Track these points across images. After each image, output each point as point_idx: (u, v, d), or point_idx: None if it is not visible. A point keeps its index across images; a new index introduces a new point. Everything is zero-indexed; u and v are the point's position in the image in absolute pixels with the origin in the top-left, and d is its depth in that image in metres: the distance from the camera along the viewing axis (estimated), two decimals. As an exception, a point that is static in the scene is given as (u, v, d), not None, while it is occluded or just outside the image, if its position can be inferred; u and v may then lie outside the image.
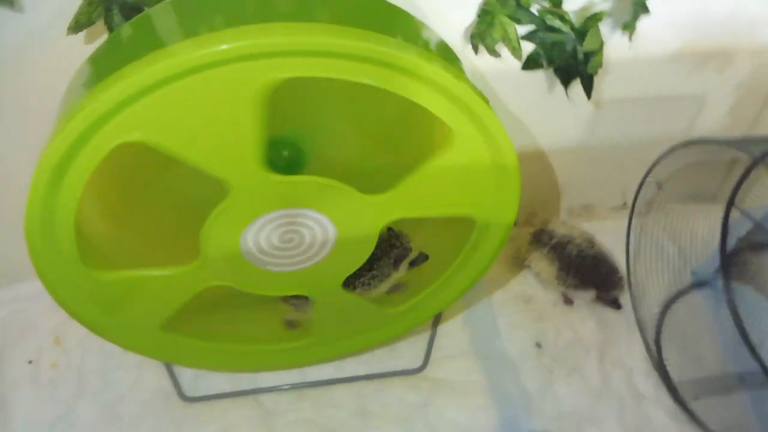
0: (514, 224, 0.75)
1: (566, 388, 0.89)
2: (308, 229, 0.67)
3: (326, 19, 0.58)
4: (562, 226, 1.01)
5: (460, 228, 0.75)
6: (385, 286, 0.84)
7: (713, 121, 1.04)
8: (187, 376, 0.90)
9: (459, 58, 0.73)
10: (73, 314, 0.70)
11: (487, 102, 0.61)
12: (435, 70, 0.57)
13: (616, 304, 0.99)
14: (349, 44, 0.54)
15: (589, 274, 0.97)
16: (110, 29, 0.70)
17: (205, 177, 0.60)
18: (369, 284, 0.81)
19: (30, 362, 0.92)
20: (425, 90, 0.59)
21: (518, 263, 1.06)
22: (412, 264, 0.85)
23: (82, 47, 0.73)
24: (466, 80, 0.60)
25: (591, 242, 1.00)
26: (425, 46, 0.65)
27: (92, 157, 0.55)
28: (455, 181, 0.67)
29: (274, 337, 0.85)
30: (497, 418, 0.85)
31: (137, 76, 0.51)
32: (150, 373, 0.90)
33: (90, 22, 0.69)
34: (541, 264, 0.99)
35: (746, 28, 0.91)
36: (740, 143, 0.76)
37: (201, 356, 0.84)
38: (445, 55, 0.68)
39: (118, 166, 0.63)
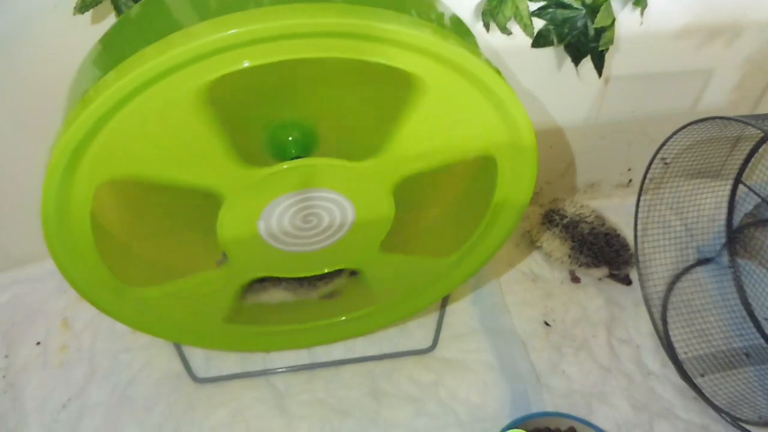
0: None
1: (575, 365, 0.90)
2: (322, 207, 0.66)
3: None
4: (571, 204, 1.01)
5: (476, 205, 0.74)
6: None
7: (719, 97, 1.03)
8: (197, 357, 0.90)
9: (472, 33, 0.72)
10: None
11: (504, 80, 0.60)
12: (450, 48, 0.56)
13: (627, 281, 1.00)
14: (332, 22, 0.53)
15: (602, 251, 0.97)
16: (117, 9, 0.68)
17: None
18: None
19: (38, 344, 0.92)
20: (438, 68, 0.58)
21: (529, 244, 1.06)
22: None
23: (89, 28, 0.72)
24: (483, 58, 0.59)
25: (602, 219, 1.00)
26: (439, 21, 0.63)
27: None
28: (454, 125, 0.64)
29: (341, 309, 0.85)
30: (508, 396, 0.85)
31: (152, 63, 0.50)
32: (160, 355, 0.90)
33: (96, 2, 0.67)
34: (554, 244, 0.99)
35: (754, 2, 0.91)
36: (753, 120, 0.76)
37: (268, 340, 0.86)
38: (459, 30, 0.67)
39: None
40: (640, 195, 0.97)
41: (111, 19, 0.73)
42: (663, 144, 0.88)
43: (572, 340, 0.93)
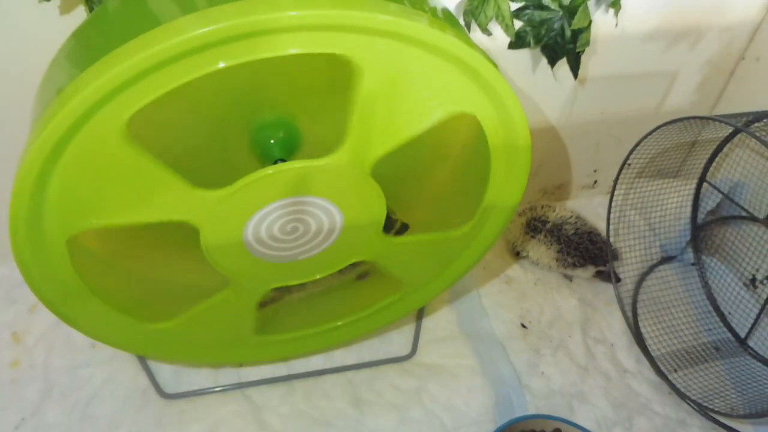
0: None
1: (554, 366, 0.90)
2: (308, 213, 0.63)
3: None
4: (550, 209, 1.02)
5: (467, 207, 0.73)
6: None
7: (682, 98, 1.06)
8: (165, 371, 0.85)
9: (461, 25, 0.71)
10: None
11: (500, 73, 0.59)
12: (448, 39, 0.54)
13: (617, 278, 1.01)
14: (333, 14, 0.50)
15: (587, 250, 0.98)
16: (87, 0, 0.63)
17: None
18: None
19: (-15, 361, 0.85)
20: (434, 60, 0.55)
21: (513, 253, 1.06)
22: (397, 234, 0.83)
23: (57, 18, 0.66)
24: (479, 50, 0.57)
25: (583, 220, 1.02)
26: (433, 13, 0.61)
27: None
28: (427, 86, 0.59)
29: (376, 297, 0.82)
30: (492, 399, 0.85)
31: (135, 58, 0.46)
32: (124, 369, 0.85)
33: (62, -10, 0.62)
34: (540, 250, 1.00)
35: (716, 6, 0.93)
36: (728, 118, 0.78)
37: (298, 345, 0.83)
38: (451, 22, 0.65)
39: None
40: (612, 196, 0.98)
41: (80, 10, 0.68)
42: (636, 146, 0.89)
43: (549, 341, 0.94)
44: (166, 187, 0.55)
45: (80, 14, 0.67)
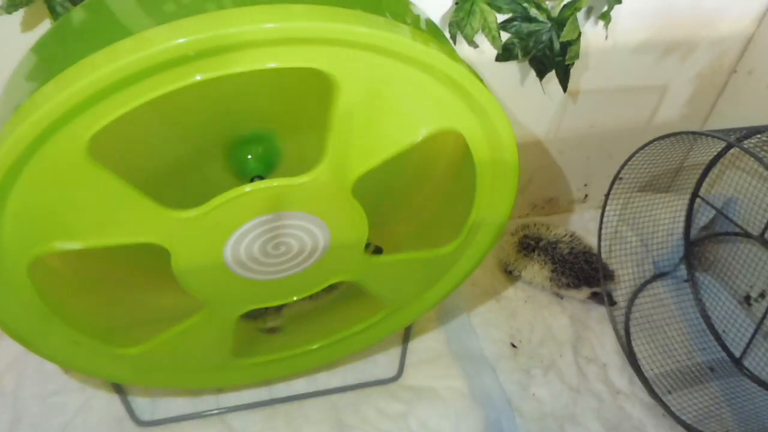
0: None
1: (545, 387, 0.87)
2: (290, 232, 0.60)
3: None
4: (544, 227, 0.99)
5: (453, 224, 0.70)
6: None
7: (673, 112, 1.05)
8: (141, 398, 0.81)
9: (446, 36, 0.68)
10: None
11: (487, 87, 0.57)
12: (431, 53, 0.51)
13: (611, 301, 0.98)
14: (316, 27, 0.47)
15: (582, 270, 0.95)
16: (52, 10, 0.60)
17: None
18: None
19: (-48, 390, 0.81)
20: (416, 74, 0.53)
21: (506, 272, 1.03)
22: None
23: (19, 31, 0.63)
24: (464, 63, 0.55)
25: (578, 239, 0.99)
26: (416, 25, 0.59)
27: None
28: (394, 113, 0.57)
29: (358, 317, 0.79)
30: (481, 424, 0.81)
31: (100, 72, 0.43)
32: (97, 397, 0.81)
33: (27, 1, 0.59)
34: (533, 270, 0.97)
35: (707, 18, 0.92)
36: (720, 134, 0.76)
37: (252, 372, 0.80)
38: (435, 34, 0.63)
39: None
40: (603, 211, 0.95)
41: (46, 23, 0.65)
42: (628, 160, 0.87)
43: (540, 360, 0.91)
44: (134, 208, 0.52)
45: (46, 27, 0.65)
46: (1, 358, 0.85)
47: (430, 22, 0.63)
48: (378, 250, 0.81)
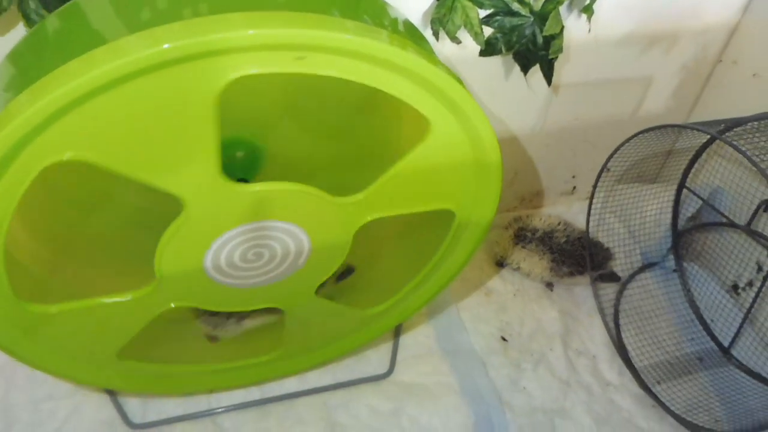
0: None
1: (535, 381, 0.88)
2: (278, 241, 0.60)
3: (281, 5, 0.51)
4: (537, 218, 1.00)
5: (437, 227, 0.70)
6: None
7: (658, 104, 1.05)
8: (132, 401, 0.81)
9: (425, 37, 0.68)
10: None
11: (466, 90, 0.57)
12: (410, 57, 0.51)
13: (615, 277, 0.99)
14: (322, 35, 0.48)
15: (582, 256, 0.96)
16: (26, 17, 0.59)
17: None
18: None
19: (-59, 397, 0.81)
20: (397, 79, 0.53)
21: (500, 265, 1.03)
22: (339, 278, 0.82)
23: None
24: (443, 66, 0.55)
25: (571, 226, 1.00)
26: (393, 28, 0.59)
27: (19, 180, 0.46)
28: (432, 175, 0.61)
29: (237, 354, 0.78)
30: (472, 419, 0.82)
31: (76, 82, 0.43)
32: (89, 401, 0.81)
33: (1, 9, 0.58)
34: (531, 261, 0.97)
35: (691, 9, 0.92)
36: (703, 126, 0.76)
37: (158, 381, 0.76)
38: (413, 36, 0.63)
39: (55, 182, 0.54)
40: (590, 204, 0.96)
41: (19, 29, 0.64)
42: (614, 152, 0.87)
43: (530, 354, 0.91)
44: (194, 158, 0.51)
45: (20, 34, 0.64)
46: (-10, 365, 0.85)
47: (407, 23, 0.62)
48: (349, 270, 0.82)
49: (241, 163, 0.66)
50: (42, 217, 0.66)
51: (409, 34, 0.62)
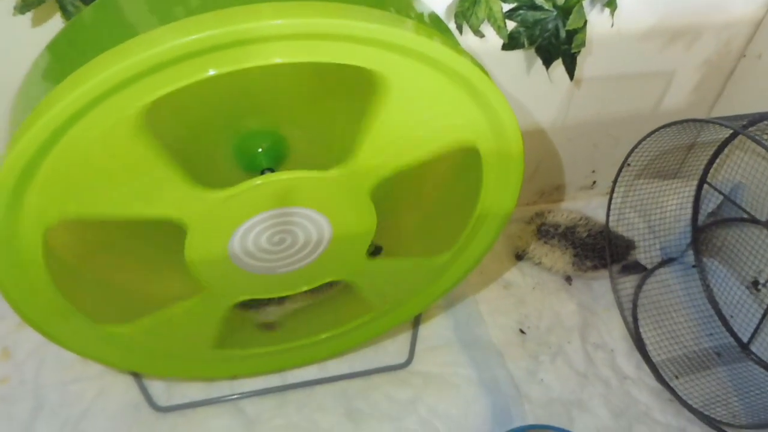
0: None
1: (553, 373, 0.88)
2: (298, 225, 0.61)
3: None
4: (558, 214, 1.00)
5: (459, 214, 0.71)
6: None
7: (679, 99, 1.04)
8: (157, 384, 0.83)
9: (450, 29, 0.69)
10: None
11: (491, 79, 0.57)
12: (435, 46, 0.52)
13: (640, 267, 1.00)
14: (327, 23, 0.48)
15: (605, 250, 0.97)
16: (63, 8, 0.61)
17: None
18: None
19: (-25, 377, 0.84)
20: (422, 68, 0.54)
21: (520, 258, 1.04)
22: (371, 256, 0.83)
23: (30, 30, 0.65)
24: (468, 56, 0.56)
25: (592, 220, 1.01)
26: (419, 19, 0.60)
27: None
28: (428, 121, 0.60)
29: (342, 319, 0.80)
30: (489, 409, 0.83)
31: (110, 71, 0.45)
32: (115, 384, 0.83)
33: (39, 1, 0.60)
34: (554, 256, 0.98)
35: (714, 4, 0.91)
36: (726, 121, 0.76)
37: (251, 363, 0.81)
38: (439, 27, 0.63)
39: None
40: (611, 198, 0.96)
41: (56, 20, 0.66)
42: (635, 147, 0.87)
43: (548, 347, 0.92)
44: (169, 180, 0.54)
45: (56, 24, 0.66)
46: (22, 347, 0.87)
47: (433, 15, 0.63)
48: (378, 250, 0.82)
49: (266, 154, 0.68)
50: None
51: (435, 25, 0.63)
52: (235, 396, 0.83)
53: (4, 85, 0.57)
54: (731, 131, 0.91)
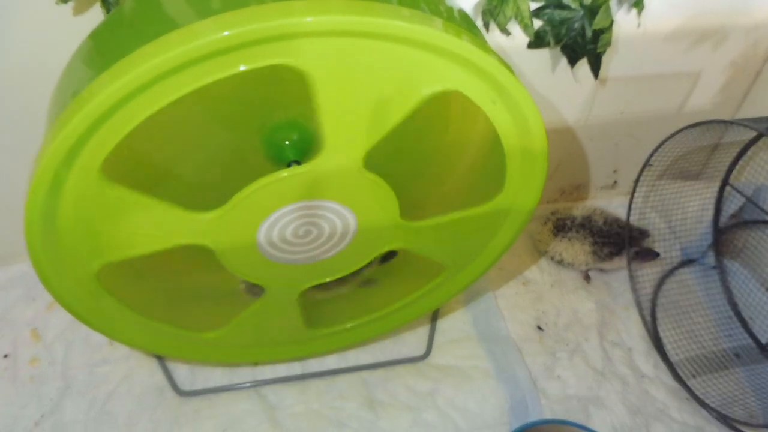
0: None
1: (570, 370, 0.89)
2: (321, 217, 0.64)
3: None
4: (574, 209, 1.01)
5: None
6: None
7: (704, 100, 1.04)
8: (181, 369, 0.86)
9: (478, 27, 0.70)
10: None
11: (517, 78, 0.58)
12: (465, 46, 0.53)
13: (654, 254, 1.01)
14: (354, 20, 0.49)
15: (620, 236, 0.99)
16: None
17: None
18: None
19: (6, 356, 0.86)
20: (450, 66, 0.55)
21: (542, 254, 1.06)
22: (383, 260, 0.85)
23: (71, 19, 0.67)
24: (495, 54, 0.57)
25: (605, 211, 1.02)
26: (449, 16, 0.60)
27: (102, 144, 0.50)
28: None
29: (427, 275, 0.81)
30: (506, 402, 0.84)
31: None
32: (141, 367, 0.86)
33: (80, -10, 0.62)
34: (574, 249, 0.99)
35: (742, 5, 0.91)
36: (751, 122, 0.76)
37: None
38: (467, 25, 0.64)
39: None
40: (632, 198, 0.96)
41: (96, 10, 0.68)
42: (658, 147, 0.87)
43: (565, 344, 0.93)
44: (166, 217, 0.57)
45: (96, 14, 0.68)
46: (52, 329, 0.89)
47: (462, 13, 0.64)
48: (392, 253, 0.84)
49: (297, 144, 0.69)
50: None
51: (464, 22, 0.64)
52: (257, 382, 0.84)
53: (47, 71, 0.59)
54: (755, 133, 0.91)
